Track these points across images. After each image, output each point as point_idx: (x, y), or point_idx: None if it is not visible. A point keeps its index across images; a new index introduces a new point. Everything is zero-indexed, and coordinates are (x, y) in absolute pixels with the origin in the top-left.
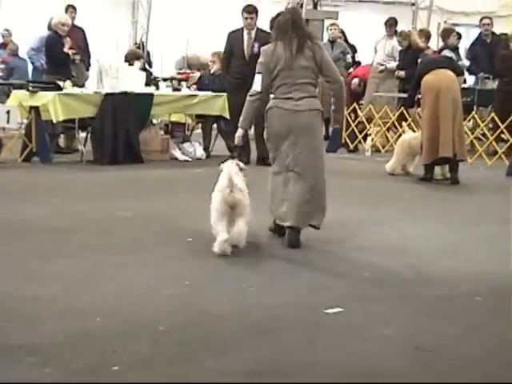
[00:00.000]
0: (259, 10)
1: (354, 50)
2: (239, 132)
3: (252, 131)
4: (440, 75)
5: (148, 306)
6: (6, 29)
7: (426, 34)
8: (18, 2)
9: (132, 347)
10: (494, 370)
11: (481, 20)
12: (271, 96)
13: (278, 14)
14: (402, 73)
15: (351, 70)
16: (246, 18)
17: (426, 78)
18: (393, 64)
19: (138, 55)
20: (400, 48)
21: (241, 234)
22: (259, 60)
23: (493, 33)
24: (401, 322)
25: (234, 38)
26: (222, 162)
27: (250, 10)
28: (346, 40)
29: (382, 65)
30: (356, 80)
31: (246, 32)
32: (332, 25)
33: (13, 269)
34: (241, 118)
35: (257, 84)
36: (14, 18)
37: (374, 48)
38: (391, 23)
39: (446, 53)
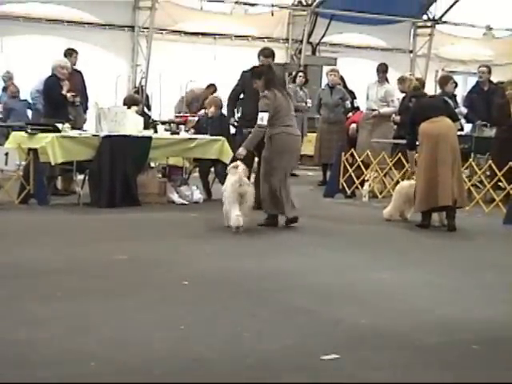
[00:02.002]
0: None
1: (353, 95)
2: (242, 150)
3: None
4: (438, 123)
5: (143, 350)
6: (8, 71)
7: (420, 82)
8: (20, 44)
9: None
10: None
11: (479, 67)
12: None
13: (254, 67)
14: (397, 118)
15: (350, 114)
16: (263, 62)
17: (423, 126)
18: (386, 109)
19: (135, 101)
20: (394, 93)
21: (246, 214)
22: (266, 101)
23: (490, 81)
24: (396, 370)
25: (247, 81)
26: (230, 163)
27: (267, 54)
28: (345, 86)
29: (373, 110)
30: (354, 125)
31: None
32: (332, 71)
33: (6, 311)
34: (247, 141)
35: (264, 119)
36: (16, 61)
37: (366, 94)
38: (383, 69)
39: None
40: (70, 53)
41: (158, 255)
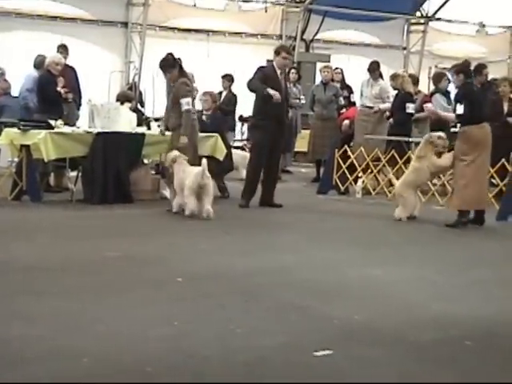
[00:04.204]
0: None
1: (349, 90)
2: (184, 139)
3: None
4: (487, 129)
5: (136, 346)
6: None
7: (413, 79)
8: (12, 40)
9: None
10: None
11: (483, 68)
12: None
13: (163, 59)
14: (388, 115)
15: (343, 110)
16: (285, 58)
17: (475, 131)
18: (385, 105)
19: (128, 98)
20: (388, 89)
21: (208, 210)
22: (187, 88)
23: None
24: (390, 365)
25: (270, 75)
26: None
27: (289, 51)
28: (343, 80)
29: (368, 107)
30: (347, 122)
31: (278, 72)
32: (325, 67)
33: None
34: (183, 129)
35: (190, 104)
36: (8, 57)
37: (360, 91)
38: (374, 68)
39: (438, 97)
40: (61, 50)
41: (151, 252)
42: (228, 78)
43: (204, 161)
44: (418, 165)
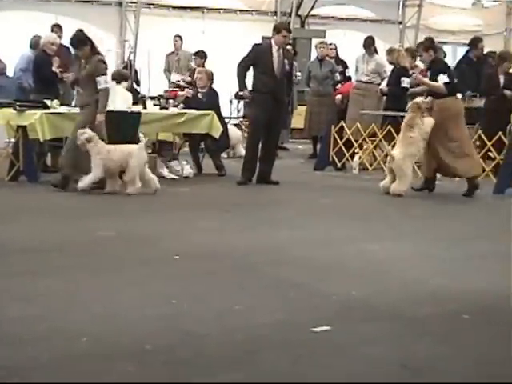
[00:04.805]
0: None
1: (344, 65)
2: (101, 116)
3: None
4: (460, 101)
5: (134, 325)
6: None
7: (411, 53)
8: (7, 20)
9: (118, 367)
10: None
11: (478, 42)
12: None
13: (73, 36)
14: (385, 89)
15: (339, 86)
16: (285, 37)
17: (452, 103)
18: (382, 85)
19: (124, 76)
20: (385, 63)
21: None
22: (103, 65)
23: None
24: (388, 340)
25: (263, 52)
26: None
27: (290, 29)
28: (337, 55)
29: (365, 82)
30: (339, 96)
31: (275, 49)
32: (321, 43)
33: None
34: (101, 106)
35: (108, 81)
36: (3, 37)
37: (355, 66)
38: (369, 43)
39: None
40: (56, 30)
41: (148, 230)
42: (200, 55)
43: (143, 138)
44: (414, 135)
